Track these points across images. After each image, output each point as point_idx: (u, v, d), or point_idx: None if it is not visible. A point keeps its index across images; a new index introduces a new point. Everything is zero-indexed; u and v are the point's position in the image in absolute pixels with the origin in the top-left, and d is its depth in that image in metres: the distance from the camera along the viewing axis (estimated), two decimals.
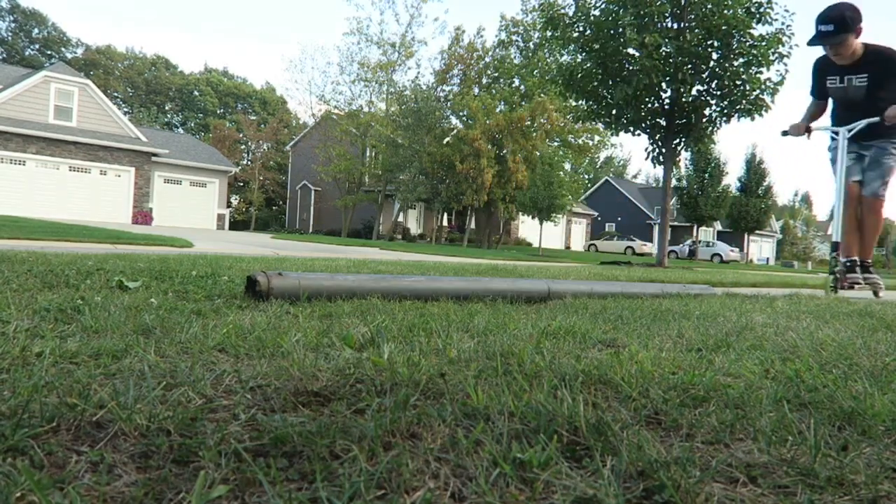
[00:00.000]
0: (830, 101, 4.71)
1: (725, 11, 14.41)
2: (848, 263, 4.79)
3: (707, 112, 15.84)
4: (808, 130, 4.67)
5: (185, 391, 1.02)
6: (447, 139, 27.73)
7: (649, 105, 16.01)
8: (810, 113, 4.85)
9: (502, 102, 29.30)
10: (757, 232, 43.69)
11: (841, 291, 4.64)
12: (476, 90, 31.13)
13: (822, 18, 4.09)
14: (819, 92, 4.69)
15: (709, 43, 15.02)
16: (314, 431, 0.86)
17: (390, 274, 3.51)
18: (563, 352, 1.54)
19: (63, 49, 55.61)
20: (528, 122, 26.31)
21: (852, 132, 4.48)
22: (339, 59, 48.70)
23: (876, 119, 4.22)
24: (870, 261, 4.88)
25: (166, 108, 59.39)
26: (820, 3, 4.24)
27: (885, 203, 4.61)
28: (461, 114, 28.91)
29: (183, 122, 60.27)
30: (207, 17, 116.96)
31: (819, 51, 4.46)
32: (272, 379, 1.13)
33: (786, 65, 14.91)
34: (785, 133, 4.77)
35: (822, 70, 4.56)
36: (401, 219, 33.12)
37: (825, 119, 4.88)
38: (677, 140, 16.44)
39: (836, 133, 4.56)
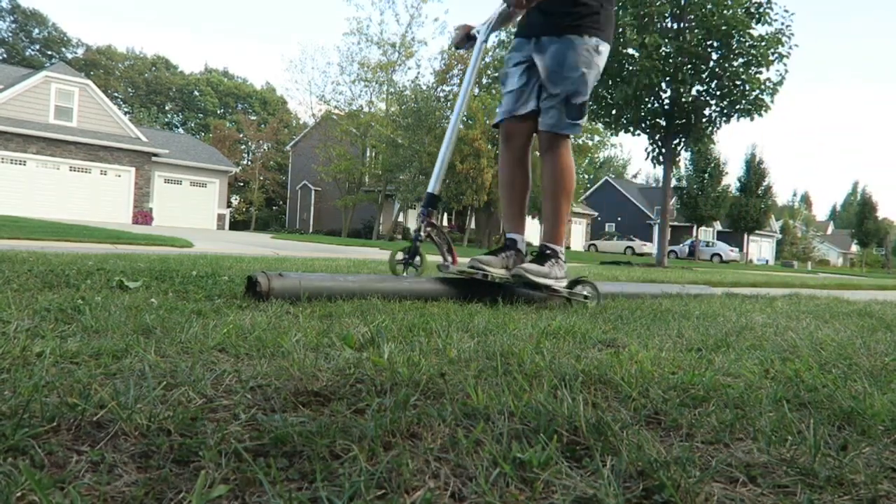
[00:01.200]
0: None
1: (725, 12, 14.42)
2: (507, 242, 2.87)
3: (707, 112, 15.86)
4: (469, 36, 3.08)
5: (186, 391, 1.02)
6: None
7: (649, 105, 16.02)
8: None
9: None
10: (756, 232, 43.73)
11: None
12: (476, 90, 31.12)
13: None
14: None
15: (708, 43, 15.04)
16: (314, 431, 0.86)
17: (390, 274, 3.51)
18: (563, 352, 1.54)
19: (63, 49, 55.61)
20: None
21: (490, 28, 2.94)
22: (339, 59, 48.70)
23: (504, 4, 2.82)
24: (554, 247, 2.82)
25: (166, 108, 59.39)
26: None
27: (569, 142, 2.80)
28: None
29: (183, 122, 60.26)
30: (207, 17, 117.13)
31: None
32: (272, 379, 1.13)
33: (785, 65, 14.95)
34: (458, 47, 3.17)
35: None
36: (401, 219, 33.11)
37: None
38: (677, 140, 16.46)
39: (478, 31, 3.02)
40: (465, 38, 3.12)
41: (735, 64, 14.94)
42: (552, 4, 2.71)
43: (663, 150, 16.47)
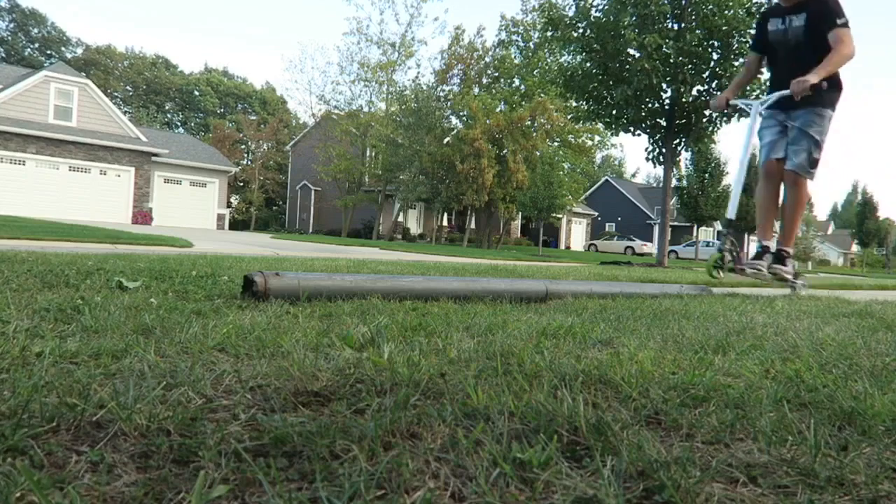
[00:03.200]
0: (767, 60, 4.44)
1: (726, 12, 14.43)
2: (759, 249, 4.35)
3: (707, 112, 15.84)
4: (729, 105, 4.42)
5: (185, 391, 1.02)
6: (447, 139, 27.71)
7: (650, 105, 16.01)
8: (740, 74, 4.69)
9: (502, 102, 29.27)
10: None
11: (732, 275, 4.23)
12: (476, 90, 31.11)
13: None
14: (759, 42, 4.43)
15: (709, 43, 15.03)
16: (314, 431, 0.85)
17: (390, 274, 3.51)
18: (563, 352, 1.54)
19: (63, 49, 55.57)
20: (529, 122, 26.31)
21: (766, 105, 4.17)
22: (338, 59, 48.72)
23: (787, 92, 3.87)
24: (788, 250, 4.36)
25: (166, 107, 59.37)
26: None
27: (808, 181, 4.10)
28: (461, 114, 28.90)
29: (183, 121, 60.25)
30: (207, 17, 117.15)
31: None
32: (272, 379, 1.13)
33: None
34: (707, 108, 4.80)
35: (765, 15, 4.41)
36: (401, 219, 33.10)
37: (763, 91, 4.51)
38: (677, 140, 16.44)
39: (750, 106, 4.26)
40: (727, 106, 4.43)
41: (736, 64, 14.93)
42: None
43: (663, 150, 16.45)
